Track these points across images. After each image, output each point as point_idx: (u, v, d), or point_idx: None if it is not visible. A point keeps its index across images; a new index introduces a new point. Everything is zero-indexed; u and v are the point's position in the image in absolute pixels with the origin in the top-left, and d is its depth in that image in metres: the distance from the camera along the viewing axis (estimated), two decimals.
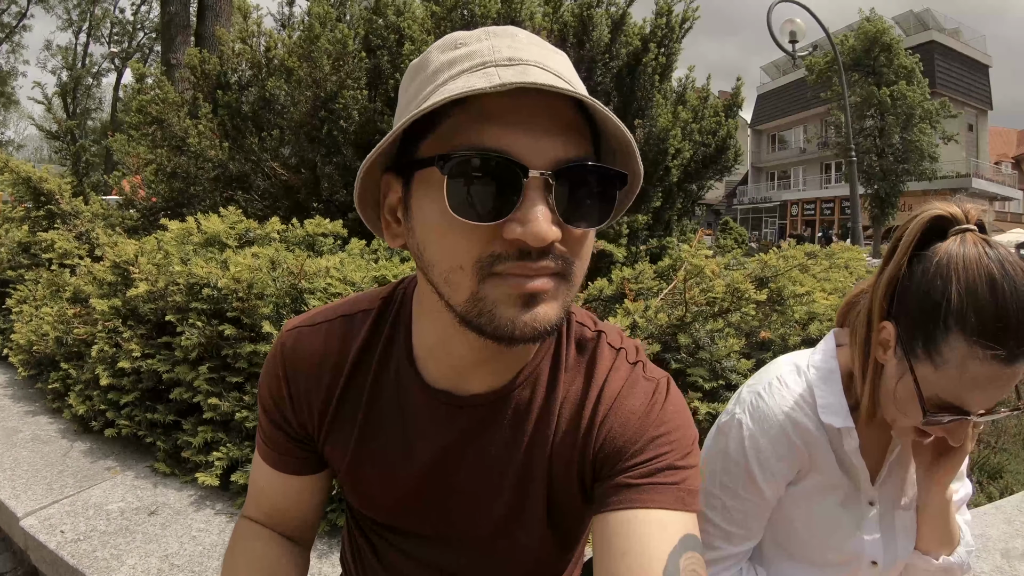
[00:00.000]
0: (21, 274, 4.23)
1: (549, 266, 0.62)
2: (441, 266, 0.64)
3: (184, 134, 4.31)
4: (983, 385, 0.88)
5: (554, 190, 0.60)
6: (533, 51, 0.64)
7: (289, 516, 0.90)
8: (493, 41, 0.64)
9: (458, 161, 0.59)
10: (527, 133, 0.60)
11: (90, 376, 2.82)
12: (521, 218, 0.59)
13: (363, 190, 0.71)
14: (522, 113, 0.60)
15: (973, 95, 36.57)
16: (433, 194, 0.62)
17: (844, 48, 24.50)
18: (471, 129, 0.60)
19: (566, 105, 0.62)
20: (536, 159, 0.59)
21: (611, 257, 3.77)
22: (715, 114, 4.94)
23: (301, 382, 0.82)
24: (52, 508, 2.29)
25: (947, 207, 0.93)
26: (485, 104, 0.60)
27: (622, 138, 0.64)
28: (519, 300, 0.62)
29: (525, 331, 0.62)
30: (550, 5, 4.32)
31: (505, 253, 0.60)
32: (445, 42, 0.68)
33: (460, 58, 0.64)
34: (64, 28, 38.34)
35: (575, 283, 0.66)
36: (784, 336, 2.52)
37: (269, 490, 0.89)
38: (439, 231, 0.63)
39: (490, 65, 0.61)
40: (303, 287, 2.43)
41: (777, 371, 1.11)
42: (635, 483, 0.71)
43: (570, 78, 0.64)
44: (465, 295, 0.63)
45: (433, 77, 0.64)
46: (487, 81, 0.58)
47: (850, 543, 1.09)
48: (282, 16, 5.21)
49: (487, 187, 0.59)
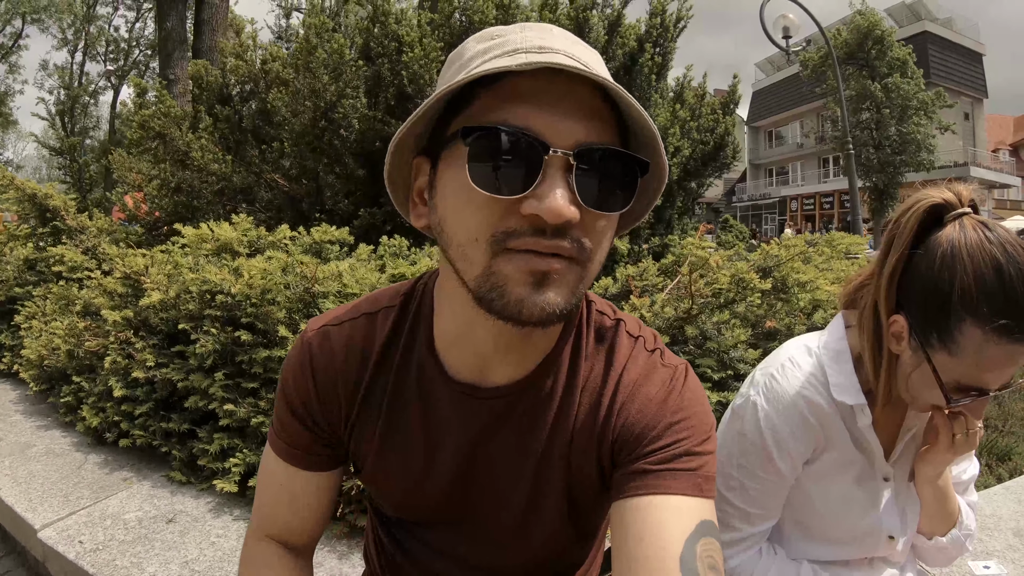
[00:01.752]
0: (28, 291, 4.25)
1: (563, 246, 0.62)
2: (458, 238, 0.65)
3: (187, 148, 4.34)
4: (1001, 365, 0.90)
5: (574, 171, 0.61)
6: (564, 43, 0.66)
7: (300, 518, 0.89)
8: (527, 33, 0.66)
9: (481, 134, 0.60)
10: (551, 113, 0.61)
11: (103, 388, 2.84)
12: (539, 194, 0.60)
13: (393, 170, 0.73)
14: (547, 95, 0.61)
15: (968, 84, 36.59)
16: (457, 168, 0.63)
17: (837, 42, 24.52)
18: (498, 108, 0.62)
19: (592, 94, 0.64)
20: (558, 139, 0.60)
21: (615, 254, 3.80)
22: (712, 112, 4.97)
23: (328, 380, 0.82)
24: (70, 519, 2.31)
25: (940, 194, 0.95)
26: (513, 86, 0.62)
27: (647, 130, 0.65)
28: (530, 278, 0.62)
29: (533, 312, 0.62)
30: (547, 10, 4.35)
31: (520, 228, 0.61)
32: (483, 34, 0.70)
33: (494, 46, 0.66)
34: (60, 47, 38.43)
35: (589, 272, 0.66)
36: (790, 325, 2.54)
37: (283, 492, 0.88)
38: (458, 203, 0.64)
39: (521, 51, 0.63)
40: (316, 291, 2.45)
41: (789, 353, 1.13)
42: (653, 469, 0.72)
43: (599, 70, 0.65)
44: (479, 269, 0.64)
45: (468, 63, 0.67)
46: (514, 62, 0.59)
47: (867, 519, 1.11)
48: (279, 28, 5.26)
49: (508, 162, 0.60)
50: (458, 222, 0.65)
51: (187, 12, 10.91)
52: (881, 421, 1.08)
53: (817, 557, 1.17)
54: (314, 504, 0.89)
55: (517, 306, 0.62)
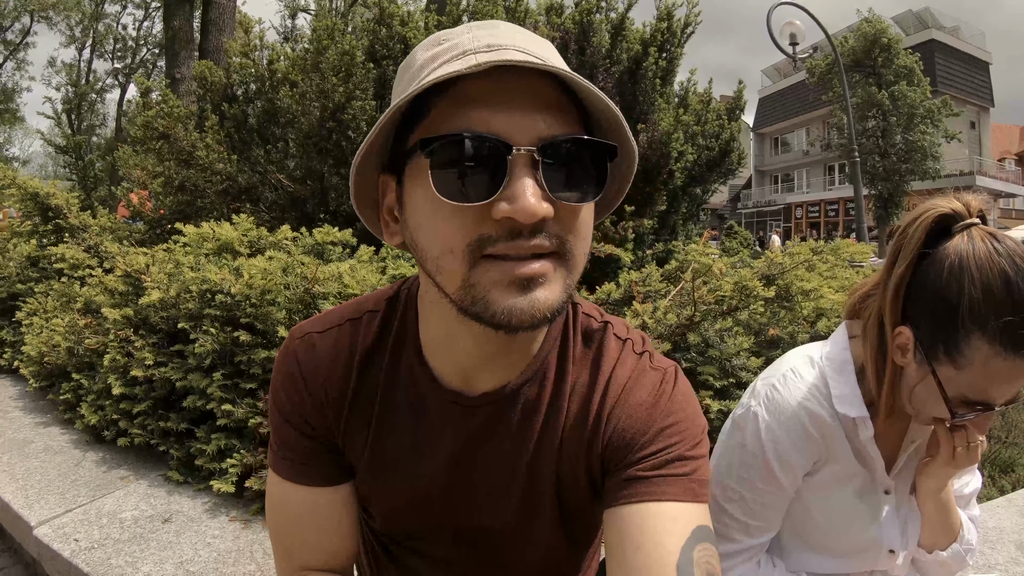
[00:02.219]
0: (30, 287, 4.26)
1: (543, 244, 0.61)
2: (432, 252, 0.64)
3: (191, 147, 4.35)
4: (1007, 380, 0.89)
5: (540, 166, 0.59)
6: (514, 37, 0.65)
7: (329, 538, 0.84)
8: (475, 32, 0.65)
9: (440, 144, 0.59)
10: (508, 112, 0.60)
11: (102, 386, 2.84)
12: (509, 196, 0.58)
13: (359, 190, 0.72)
14: (503, 94, 0.60)
15: (974, 93, 36.49)
16: (421, 182, 0.62)
17: (844, 49, 24.48)
18: (454, 115, 0.60)
19: (548, 85, 0.62)
20: (519, 136, 0.59)
21: (618, 261, 3.79)
22: (718, 117, 4.96)
23: (318, 386, 0.81)
24: (65, 517, 2.30)
25: (949, 204, 0.93)
26: (466, 89, 0.60)
27: (610, 115, 0.64)
28: (513, 285, 0.61)
29: (523, 318, 0.61)
30: (552, 13, 4.35)
31: (496, 234, 0.60)
32: (429, 40, 0.69)
33: (442, 52, 0.64)
34: (67, 45, 38.59)
35: (575, 264, 0.65)
36: (793, 334, 2.52)
37: (302, 516, 0.83)
38: (428, 217, 0.63)
39: (470, 53, 0.61)
40: (316, 292, 2.45)
41: (791, 363, 1.11)
42: (645, 475, 0.71)
43: (553, 61, 0.64)
44: (458, 281, 0.62)
45: (418, 73, 0.65)
46: (464, 65, 0.58)
47: (868, 532, 1.09)
48: (285, 29, 5.26)
49: (472, 168, 0.59)
50: (430, 235, 0.64)
51: (194, 12, 10.95)
52: (883, 434, 1.07)
53: (817, 570, 1.15)
54: (336, 520, 0.84)
55: (506, 314, 0.61)
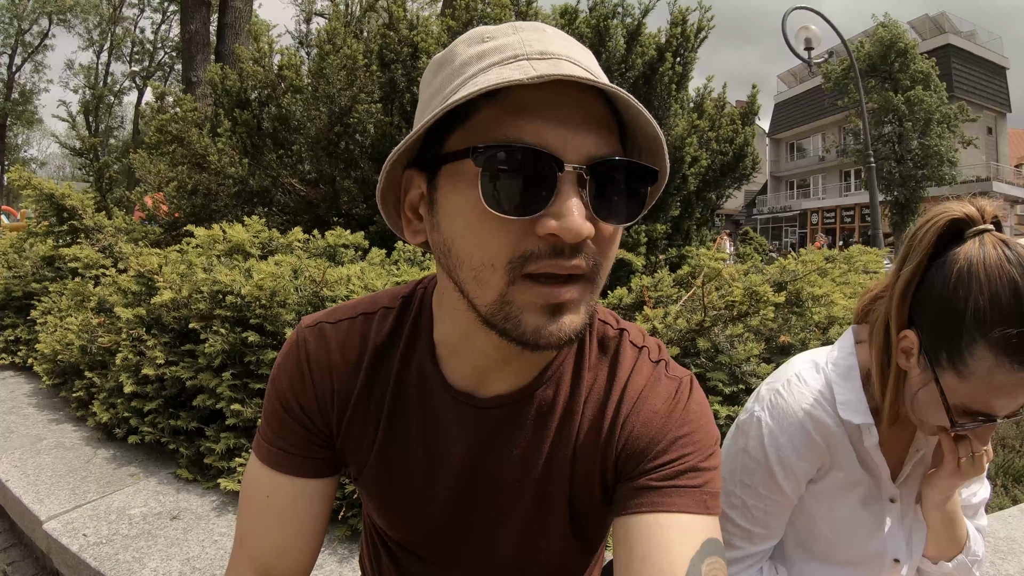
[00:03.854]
0: (45, 286, 4.31)
1: (581, 265, 0.61)
2: (471, 262, 0.62)
3: (204, 152, 4.38)
4: (1010, 392, 0.87)
5: (587, 186, 0.59)
6: (564, 46, 0.64)
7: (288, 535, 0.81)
8: (522, 35, 0.64)
9: (493, 154, 0.58)
10: (563, 127, 0.59)
11: (114, 384, 2.87)
12: (556, 212, 0.58)
13: (384, 186, 0.71)
14: (557, 107, 0.59)
15: (991, 98, 36.11)
16: (464, 188, 0.61)
17: (860, 54, 24.35)
18: (505, 122, 0.59)
19: (597, 101, 0.62)
20: (571, 153, 0.59)
21: (630, 266, 3.78)
22: (732, 122, 4.93)
23: (324, 377, 0.80)
24: (75, 512, 2.33)
25: (962, 208, 0.91)
26: (519, 97, 0.59)
27: (652, 134, 0.63)
28: (546, 309, 0.61)
29: (551, 340, 0.61)
30: (565, 18, 4.35)
31: (538, 251, 0.59)
32: (472, 36, 0.67)
33: (489, 51, 0.63)
34: (85, 47, 39.14)
35: (600, 286, 0.66)
36: (804, 340, 2.50)
37: (271, 504, 0.81)
38: (471, 226, 0.61)
39: (523, 58, 0.61)
40: (325, 295, 2.46)
41: (796, 368, 1.10)
42: (658, 485, 0.70)
43: (599, 75, 0.63)
44: (493, 296, 0.62)
45: (461, 70, 0.63)
46: (522, 73, 0.57)
47: (872, 541, 1.08)
48: (300, 34, 5.30)
49: (522, 181, 0.58)
50: (471, 246, 0.62)
51: (211, 16, 11.06)
52: (889, 441, 1.05)
53: None
54: (303, 517, 0.82)
55: (535, 335, 0.61)
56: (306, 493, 0.82)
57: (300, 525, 0.82)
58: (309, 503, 0.82)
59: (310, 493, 0.82)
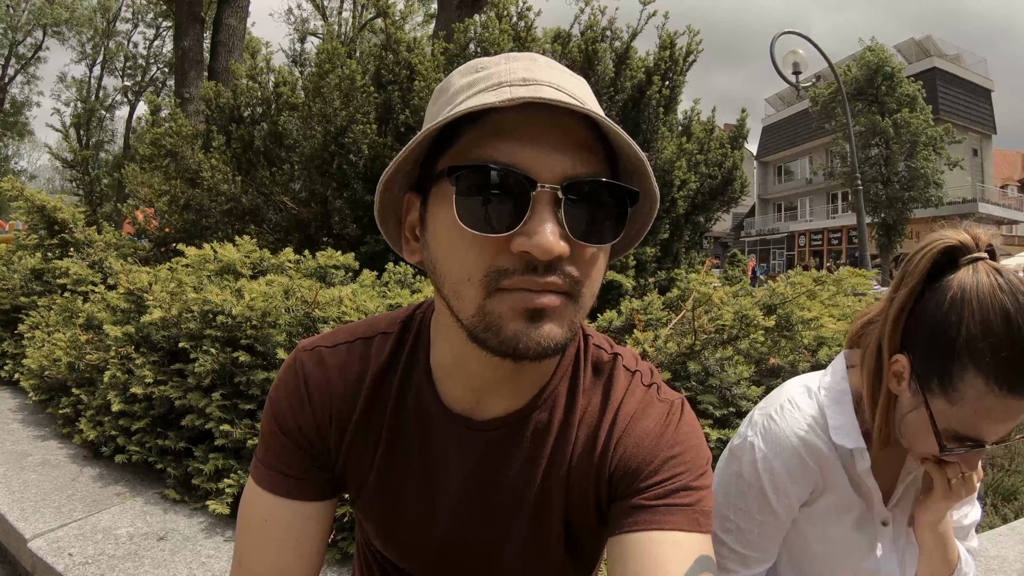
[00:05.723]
0: (33, 300, 4.28)
1: (556, 282, 0.62)
2: (451, 278, 0.65)
3: (197, 167, 4.38)
4: (999, 417, 0.88)
5: (563, 205, 0.61)
6: (550, 73, 0.66)
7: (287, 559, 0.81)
8: (511, 64, 0.67)
9: (467, 172, 0.61)
10: (537, 148, 0.61)
11: (101, 402, 2.84)
12: (528, 231, 0.60)
13: (383, 206, 0.73)
14: (533, 129, 0.62)
15: (976, 120, 36.63)
16: (445, 206, 0.63)
17: (847, 78, 24.68)
18: (484, 144, 0.62)
19: (579, 125, 0.64)
20: (545, 173, 0.61)
21: (620, 288, 3.79)
22: (720, 146, 4.99)
23: (323, 402, 0.81)
24: (60, 531, 2.29)
25: (957, 235, 0.93)
26: (498, 121, 0.62)
27: (635, 158, 0.65)
28: (525, 314, 0.62)
29: (530, 346, 0.62)
30: (558, 42, 4.40)
31: (512, 267, 0.61)
32: (467, 67, 0.71)
33: (479, 80, 0.66)
34: (78, 61, 39.12)
35: (584, 305, 0.67)
36: (794, 363, 2.52)
37: (269, 529, 0.81)
38: (449, 242, 0.64)
39: (505, 85, 0.63)
40: (316, 316, 2.45)
41: (788, 393, 1.12)
42: (650, 504, 0.72)
43: (585, 100, 0.66)
44: (472, 308, 0.64)
45: (453, 98, 0.67)
46: (498, 98, 0.60)
47: (865, 563, 1.09)
48: (294, 52, 5.33)
49: (496, 199, 0.60)
50: (450, 261, 0.65)
51: (205, 33, 11.10)
52: (881, 465, 1.07)
53: None
54: (302, 539, 0.81)
55: (513, 341, 0.62)
56: (304, 515, 0.82)
57: (299, 547, 0.81)
58: (307, 525, 0.82)
59: (308, 515, 0.82)
